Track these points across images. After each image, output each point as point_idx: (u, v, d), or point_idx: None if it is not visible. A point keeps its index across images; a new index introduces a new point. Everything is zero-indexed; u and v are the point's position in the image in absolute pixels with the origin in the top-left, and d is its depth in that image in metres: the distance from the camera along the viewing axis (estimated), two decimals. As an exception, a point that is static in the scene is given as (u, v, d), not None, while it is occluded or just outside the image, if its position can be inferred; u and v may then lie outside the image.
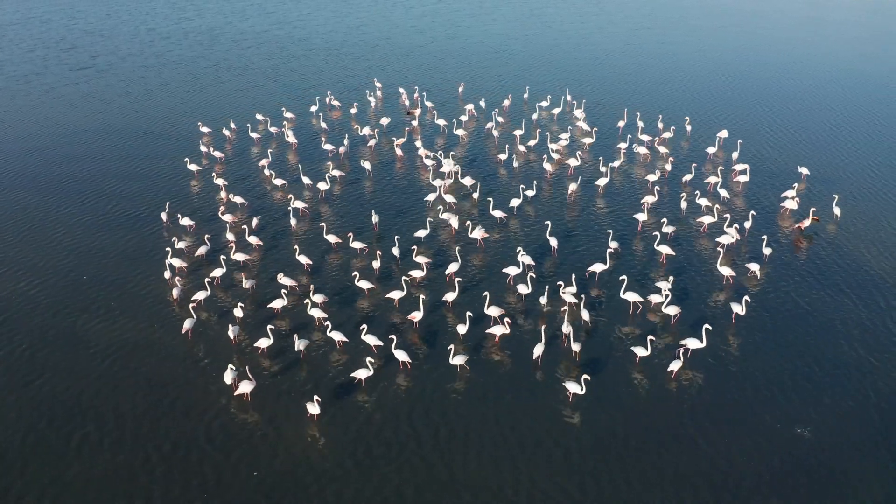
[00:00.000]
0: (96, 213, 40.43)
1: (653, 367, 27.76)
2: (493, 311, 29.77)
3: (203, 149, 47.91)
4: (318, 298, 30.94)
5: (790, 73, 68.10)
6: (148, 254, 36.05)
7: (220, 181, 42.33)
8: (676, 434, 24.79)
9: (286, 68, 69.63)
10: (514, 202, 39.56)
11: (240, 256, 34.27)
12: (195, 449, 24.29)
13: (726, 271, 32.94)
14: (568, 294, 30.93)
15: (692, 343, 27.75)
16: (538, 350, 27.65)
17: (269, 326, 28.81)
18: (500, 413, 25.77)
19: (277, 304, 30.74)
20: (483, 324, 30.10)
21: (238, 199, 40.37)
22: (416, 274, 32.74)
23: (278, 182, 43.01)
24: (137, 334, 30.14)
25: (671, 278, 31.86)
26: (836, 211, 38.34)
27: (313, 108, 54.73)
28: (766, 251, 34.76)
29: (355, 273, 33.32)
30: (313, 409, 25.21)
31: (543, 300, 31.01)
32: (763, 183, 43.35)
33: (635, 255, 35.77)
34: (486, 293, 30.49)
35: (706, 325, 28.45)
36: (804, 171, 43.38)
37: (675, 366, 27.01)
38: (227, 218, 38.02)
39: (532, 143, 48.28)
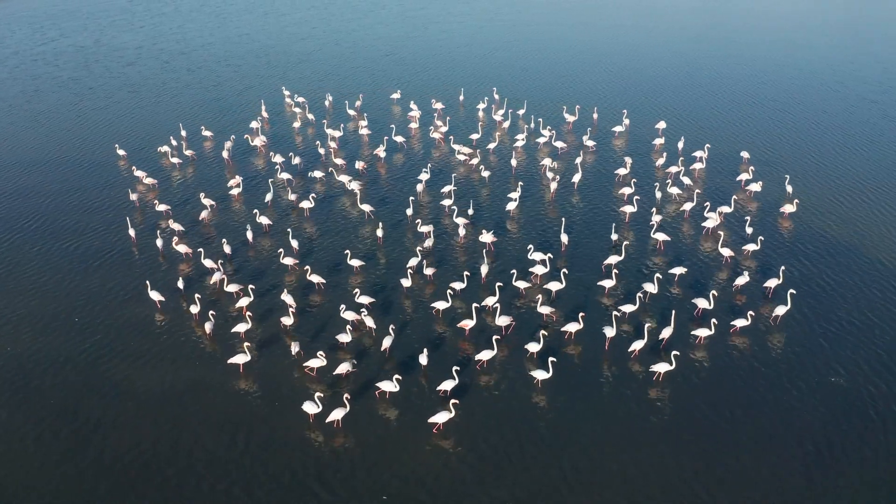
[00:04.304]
0: (61, 252, 37.61)
1: (712, 343, 30.07)
2: (503, 321, 30.46)
3: (139, 174, 45.12)
4: (368, 321, 30.63)
5: (675, 62, 72.85)
6: (139, 289, 33.87)
7: (162, 207, 40.70)
8: (747, 398, 27.33)
9: (181, 83, 66.66)
10: (511, 206, 40.61)
11: (232, 287, 32.85)
12: (308, 482, 23.78)
13: (726, 251, 35.59)
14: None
15: (780, 309, 30.81)
16: (637, 345, 29.09)
17: (352, 363, 28.37)
18: (592, 400, 27.15)
19: (343, 338, 29.50)
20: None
21: (177, 226, 38.88)
22: (457, 285, 32.94)
23: (228, 189, 42.13)
24: (180, 374, 28.69)
25: (684, 269, 34.31)
26: (789, 189, 42.04)
27: (254, 125, 52.64)
28: (749, 230, 37.61)
29: (356, 290, 32.95)
30: (441, 417, 25.43)
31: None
32: (713, 169, 46.56)
33: (632, 244, 37.64)
34: (497, 304, 31.55)
35: (791, 290, 31.52)
36: (745, 154, 47.09)
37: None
38: (182, 249, 36.38)
39: (492, 145, 49.07)
